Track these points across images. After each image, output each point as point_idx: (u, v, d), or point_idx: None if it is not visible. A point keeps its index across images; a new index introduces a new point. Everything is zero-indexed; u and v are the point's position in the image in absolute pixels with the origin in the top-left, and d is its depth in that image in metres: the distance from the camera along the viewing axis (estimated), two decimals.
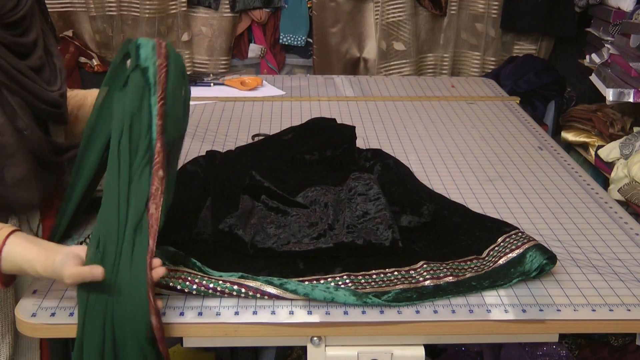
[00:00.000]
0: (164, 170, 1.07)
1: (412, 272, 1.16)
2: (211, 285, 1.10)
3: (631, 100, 2.27)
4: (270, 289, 1.10)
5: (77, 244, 1.21)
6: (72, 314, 1.05)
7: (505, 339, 1.21)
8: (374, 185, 1.35)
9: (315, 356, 1.09)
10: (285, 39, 3.09)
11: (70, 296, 1.10)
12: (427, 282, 1.13)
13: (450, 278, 1.14)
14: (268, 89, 2.29)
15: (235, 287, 1.10)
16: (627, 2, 2.51)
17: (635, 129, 2.50)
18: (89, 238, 1.25)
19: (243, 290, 1.10)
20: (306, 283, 1.12)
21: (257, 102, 2.15)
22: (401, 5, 2.98)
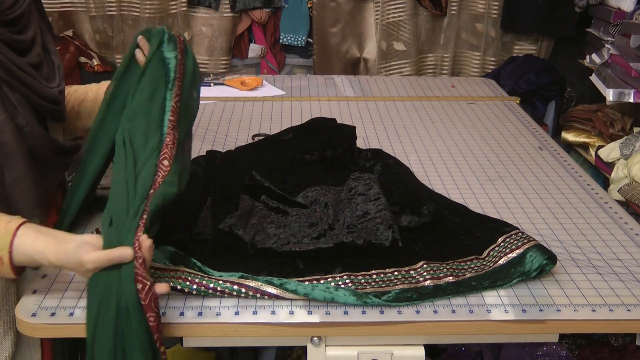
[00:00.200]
0: (169, 160, 1.07)
1: (412, 272, 1.16)
2: (211, 285, 1.10)
3: (631, 100, 2.27)
4: (270, 289, 1.10)
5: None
6: (72, 314, 1.06)
7: (505, 339, 1.21)
8: (374, 185, 1.35)
9: (315, 356, 1.09)
10: (285, 39, 3.09)
11: (70, 296, 1.10)
12: (427, 282, 1.13)
13: (450, 278, 1.14)
14: (268, 89, 2.29)
15: (235, 287, 1.10)
16: (627, 2, 2.51)
17: (635, 129, 2.50)
18: (96, 232, 1.26)
19: (243, 290, 1.10)
20: (306, 283, 1.12)
21: (257, 102, 2.15)
22: (401, 5, 2.98)
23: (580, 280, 1.17)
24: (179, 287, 1.09)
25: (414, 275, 1.15)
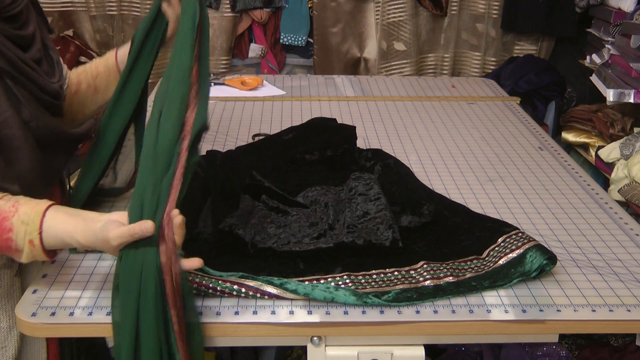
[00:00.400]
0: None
1: (412, 272, 1.16)
2: (211, 285, 1.10)
3: (631, 100, 2.27)
4: (271, 289, 1.10)
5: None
6: (72, 314, 1.06)
7: (505, 339, 1.20)
8: (374, 185, 1.35)
9: (315, 356, 1.09)
10: (285, 39, 3.09)
11: (70, 296, 1.10)
12: (427, 282, 1.13)
13: (451, 278, 1.14)
14: (268, 89, 2.29)
15: (235, 286, 1.10)
16: (627, 2, 2.52)
17: (635, 129, 2.50)
18: None
19: (243, 290, 1.10)
20: (306, 283, 1.12)
21: (258, 102, 2.15)
22: (402, 6, 2.98)
23: (580, 281, 1.17)
24: None
25: (414, 275, 1.15)
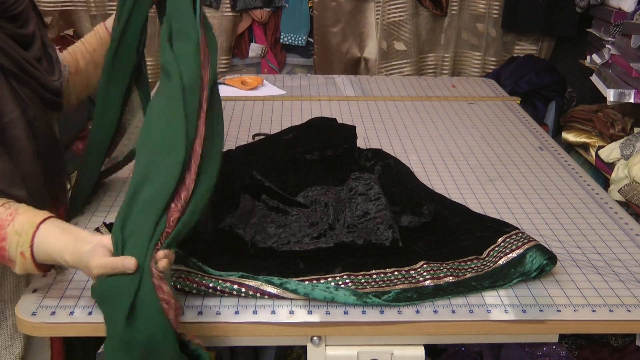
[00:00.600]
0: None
1: (412, 272, 1.16)
2: (211, 285, 1.10)
3: (632, 100, 2.27)
4: (271, 289, 1.10)
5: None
6: (72, 313, 1.06)
7: (505, 339, 1.21)
8: (374, 185, 1.35)
9: (315, 356, 1.09)
10: (286, 39, 3.09)
11: (70, 295, 1.10)
12: (427, 282, 1.13)
13: (451, 278, 1.14)
14: (268, 89, 2.29)
15: (235, 286, 1.10)
16: (628, 2, 2.51)
17: (635, 129, 2.50)
18: (103, 225, 1.26)
19: (243, 289, 1.10)
20: (306, 283, 1.12)
21: (258, 101, 2.15)
22: (402, 5, 2.98)
23: (581, 281, 1.17)
24: (178, 286, 1.10)
25: (414, 275, 1.15)
